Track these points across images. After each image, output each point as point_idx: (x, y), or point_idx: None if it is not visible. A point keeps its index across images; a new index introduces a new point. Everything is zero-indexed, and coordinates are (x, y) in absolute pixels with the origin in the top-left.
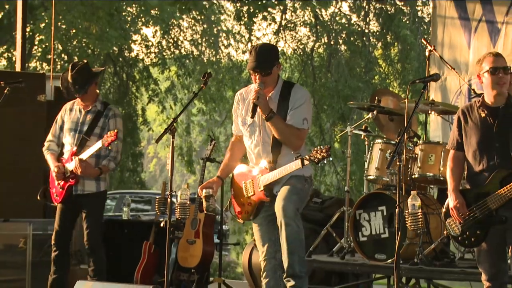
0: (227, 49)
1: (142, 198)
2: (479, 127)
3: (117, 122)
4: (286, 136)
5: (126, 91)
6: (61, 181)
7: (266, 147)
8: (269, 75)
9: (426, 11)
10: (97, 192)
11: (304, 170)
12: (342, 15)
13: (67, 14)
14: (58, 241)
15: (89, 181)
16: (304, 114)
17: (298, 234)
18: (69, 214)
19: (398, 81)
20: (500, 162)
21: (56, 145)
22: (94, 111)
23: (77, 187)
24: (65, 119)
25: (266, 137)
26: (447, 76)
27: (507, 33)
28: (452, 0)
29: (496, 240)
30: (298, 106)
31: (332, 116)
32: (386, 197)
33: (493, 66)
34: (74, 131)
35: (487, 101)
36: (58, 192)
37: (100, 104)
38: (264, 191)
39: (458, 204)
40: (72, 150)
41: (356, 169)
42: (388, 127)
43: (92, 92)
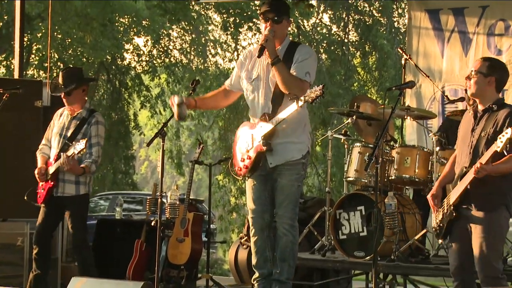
0: (215, 58)
1: (134, 199)
2: (464, 127)
3: (98, 129)
4: (288, 84)
5: (119, 97)
6: (43, 182)
7: (268, 101)
8: (279, 24)
9: (402, 22)
10: (77, 195)
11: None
12: (323, 26)
13: (62, 25)
14: (39, 239)
15: (69, 184)
16: (307, 68)
17: (292, 244)
18: (50, 215)
19: (375, 88)
20: (471, 159)
21: (48, 148)
22: (79, 118)
23: (57, 189)
24: (55, 123)
25: (268, 91)
26: (422, 83)
27: (478, 43)
28: (426, 12)
29: (459, 235)
30: (302, 60)
31: (313, 121)
32: (365, 197)
33: None
34: (59, 136)
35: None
36: (41, 193)
37: (86, 111)
38: (262, 142)
39: (431, 194)
40: (55, 155)
41: (336, 171)
42: (366, 132)
43: (77, 96)
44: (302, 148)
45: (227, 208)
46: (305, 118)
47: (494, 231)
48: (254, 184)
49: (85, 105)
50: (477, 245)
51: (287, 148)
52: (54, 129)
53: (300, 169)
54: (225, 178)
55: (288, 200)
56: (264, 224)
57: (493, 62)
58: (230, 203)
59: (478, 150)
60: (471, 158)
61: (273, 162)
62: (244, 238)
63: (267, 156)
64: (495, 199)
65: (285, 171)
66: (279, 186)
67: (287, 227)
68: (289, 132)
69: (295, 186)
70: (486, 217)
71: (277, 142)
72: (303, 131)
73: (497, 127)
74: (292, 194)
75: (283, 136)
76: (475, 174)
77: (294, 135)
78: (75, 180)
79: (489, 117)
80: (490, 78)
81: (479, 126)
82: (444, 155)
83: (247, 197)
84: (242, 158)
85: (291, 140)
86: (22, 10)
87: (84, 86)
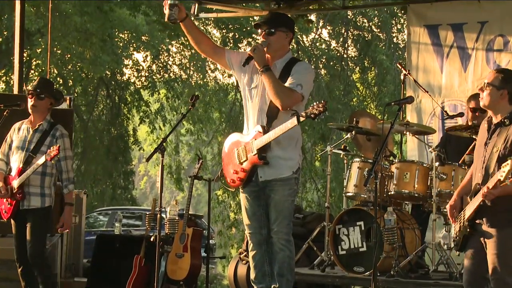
0: (214, 73)
1: (133, 214)
2: (480, 139)
3: (64, 142)
4: (276, 92)
5: (118, 112)
6: (8, 198)
7: (262, 114)
8: (273, 36)
9: (401, 37)
10: (42, 207)
11: (293, 162)
12: (322, 41)
13: (62, 40)
14: (20, 256)
15: (35, 196)
16: (301, 81)
17: (289, 259)
18: (22, 228)
19: (375, 103)
20: (483, 176)
21: (5, 163)
22: (41, 130)
23: (24, 202)
24: (14, 138)
25: (263, 104)
26: (421, 99)
27: (477, 58)
28: (426, 27)
29: (473, 252)
30: (297, 73)
31: (313, 136)
32: (364, 212)
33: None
34: (22, 149)
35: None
36: (7, 208)
37: (47, 123)
38: (257, 155)
39: (450, 204)
40: (19, 167)
41: (335, 186)
42: (365, 147)
43: (43, 107)
44: (292, 165)
45: (226, 223)
46: (298, 134)
47: (507, 248)
48: (249, 200)
49: (46, 117)
50: (490, 261)
51: (278, 164)
52: (13, 144)
53: (292, 184)
54: (224, 193)
55: (282, 216)
56: (262, 239)
57: (507, 75)
58: (230, 218)
59: (489, 167)
60: (483, 175)
61: (263, 176)
62: (243, 253)
63: (258, 169)
64: (507, 216)
65: (277, 187)
66: (272, 202)
67: (283, 242)
68: (281, 147)
69: (289, 201)
70: (498, 234)
71: (268, 156)
72: (295, 147)
73: (508, 144)
74: (285, 209)
75: (275, 150)
76: (483, 198)
77: (286, 151)
78: (40, 192)
79: (501, 132)
80: (503, 91)
81: (491, 141)
82: (443, 170)
83: (243, 213)
84: (235, 170)
85: (283, 156)
86: (22, 25)
87: (53, 100)
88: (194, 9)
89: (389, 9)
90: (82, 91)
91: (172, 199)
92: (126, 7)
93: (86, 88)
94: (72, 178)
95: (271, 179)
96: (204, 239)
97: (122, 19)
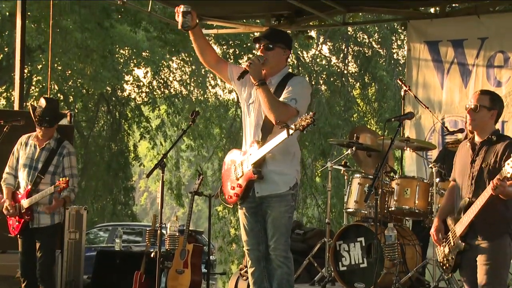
0: (214, 89)
1: (133, 230)
2: (462, 159)
3: (71, 160)
4: (271, 107)
5: (119, 128)
6: (16, 217)
7: (258, 128)
8: (271, 51)
9: (401, 53)
10: (52, 225)
11: (289, 178)
12: (322, 57)
13: (63, 56)
14: (24, 271)
15: (44, 215)
16: (295, 95)
17: (288, 276)
18: (29, 245)
19: (375, 119)
20: (474, 190)
21: (13, 177)
22: (48, 149)
23: (33, 221)
24: (20, 153)
25: (259, 119)
26: (421, 115)
27: (478, 75)
28: (426, 43)
29: (469, 267)
30: (292, 88)
31: (313, 152)
32: (365, 228)
33: (466, 107)
34: (29, 168)
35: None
36: (15, 225)
37: (54, 141)
38: (252, 170)
39: (434, 229)
40: (27, 188)
41: (336, 202)
42: (366, 163)
43: (52, 133)
44: (288, 180)
45: (227, 239)
46: (294, 148)
47: (498, 258)
48: (246, 216)
49: (53, 135)
50: (481, 272)
51: (274, 179)
52: (20, 160)
53: (290, 200)
54: (225, 209)
55: (279, 233)
56: (261, 255)
57: (494, 96)
58: (230, 234)
59: (480, 181)
60: (473, 189)
61: (260, 191)
62: (244, 269)
63: (255, 184)
64: (499, 228)
65: (274, 203)
66: (269, 219)
67: (281, 259)
68: (276, 162)
69: (285, 217)
70: (490, 246)
71: (264, 171)
72: (291, 162)
73: (497, 157)
74: (282, 226)
75: (270, 165)
76: (493, 190)
77: (281, 166)
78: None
79: (489, 149)
80: (493, 111)
81: (479, 158)
82: (443, 186)
83: (241, 229)
84: (232, 186)
85: (278, 171)
86: (23, 42)
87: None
88: None
89: (389, 25)
90: (82, 107)
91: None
92: (126, 23)
93: (87, 104)
94: (75, 191)
95: (267, 194)
96: (204, 255)
97: (122, 35)
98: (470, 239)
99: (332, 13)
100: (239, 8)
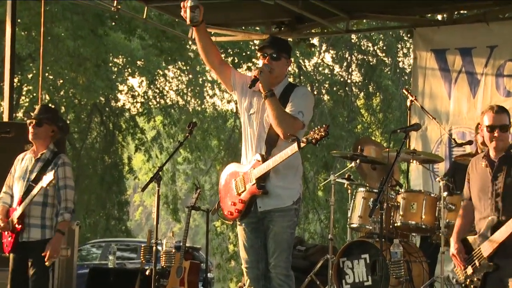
0: (212, 99)
1: (128, 246)
2: (480, 177)
3: (66, 171)
4: (279, 120)
5: (112, 140)
6: (9, 231)
7: (261, 142)
8: (278, 61)
9: (407, 62)
10: (43, 239)
11: (293, 192)
12: (325, 66)
13: (54, 65)
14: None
15: (35, 228)
16: (301, 108)
17: None
18: (21, 262)
19: (380, 130)
20: (502, 208)
21: (10, 196)
22: (43, 159)
23: (23, 234)
24: (17, 169)
25: (262, 131)
26: (428, 126)
27: (486, 84)
28: (433, 51)
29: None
30: (297, 99)
31: (315, 165)
32: (369, 245)
33: (490, 124)
34: (23, 179)
35: (490, 152)
36: (8, 242)
37: (50, 152)
38: (256, 184)
39: (455, 250)
40: (19, 198)
41: (339, 217)
42: (370, 176)
43: (43, 135)
44: (293, 194)
45: (225, 256)
46: (298, 162)
47: None
48: (246, 232)
49: (49, 146)
50: None
51: (277, 193)
52: (16, 174)
53: (292, 215)
54: (223, 224)
55: (281, 249)
56: (260, 274)
57: (507, 111)
58: (228, 250)
59: (508, 197)
60: (501, 207)
61: (262, 206)
62: (243, 287)
63: (257, 200)
64: None
65: (276, 218)
66: (271, 234)
67: (282, 277)
68: (280, 176)
69: (288, 233)
70: None
71: (268, 185)
72: (294, 176)
73: None
74: (284, 242)
75: (274, 179)
76: None
77: (285, 180)
78: (40, 223)
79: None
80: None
81: (501, 174)
82: (452, 200)
83: (240, 246)
84: (233, 202)
85: (282, 185)
86: (13, 50)
87: (55, 127)
88: (191, 33)
89: (395, 32)
90: (75, 118)
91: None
92: (121, 31)
93: (79, 115)
94: (70, 208)
95: (270, 209)
96: (202, 272)
97: (116, 43)
98: (498, 259)
99: (335, 20)
100: (238, 14)
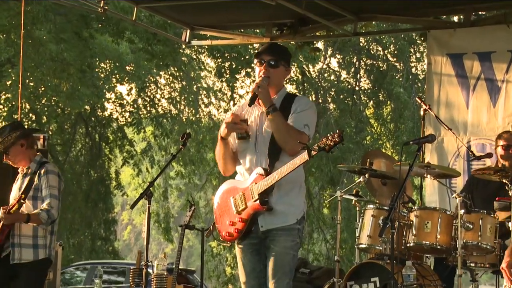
0: (208, 108)
1: (115, 269)
2: None
3: (49, 179)
4: (285, 135)
5: (98, 153)
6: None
7: (262, 156)
8: (275, 69)
9: (421, 67)
10: (35, 260)
11: (297, 209)
12: (331, 72)
13: (35, 71)
14: None
15: (26, 249)
16: (306, 120)
17: None
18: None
19: (391, 142)
20: None
21: None
22: (29, 174)
23: (14, 255)
24: (13, 188)
25: (262, 145)
26: (444, 137)
27: (508, 92)
28: (449, 56)
29: None
30: (301, 111)
31: (320, 180)
32: (379, 267)
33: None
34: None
35: None
36: None
37: (36, 164)
38: (259, 200)
39: (505, 264)
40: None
41: (347, 236)
42: (380, 192)
43: (17, 153)
44: (296, 212)
45: (222, 279)
46: (301, 177)
47: None
48: (246, 255)
49: (34, 158)
50: None
51: (281, 210)
52: (11, 194)
53: (295, 235)
54: (219, 245)
55: (282, 272)
56: None
57: None
58: (226, 273)
59: None
60: None
61: (265, 225)
62: None
63: (259, 218)
64: None
65: (278, 237)
66: (272, 254)
67: None
68: (282, 192)
69: (290, 255)
70: None
71: (270, 202)
72: (298, 193)
73: None
74: (286, 264)
75: (276, 196)
76: None
77: (289, 196)
78: (32, 243)
79: None
80: None
81: None
82: (469, 218)
83: (239, 269)
84: (232, 221)
85: (286, 202)
86: None
87: (22, 141)
88: (185, 35)
89: (407, 35)
90: (57, 129)
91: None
92: (108, 33)
93: (62, 125)
94: (51, 213)
95: (272, 228)
96: None
97: (103, 47)
98: None
99: (342, 22)
100: (236, 16)
